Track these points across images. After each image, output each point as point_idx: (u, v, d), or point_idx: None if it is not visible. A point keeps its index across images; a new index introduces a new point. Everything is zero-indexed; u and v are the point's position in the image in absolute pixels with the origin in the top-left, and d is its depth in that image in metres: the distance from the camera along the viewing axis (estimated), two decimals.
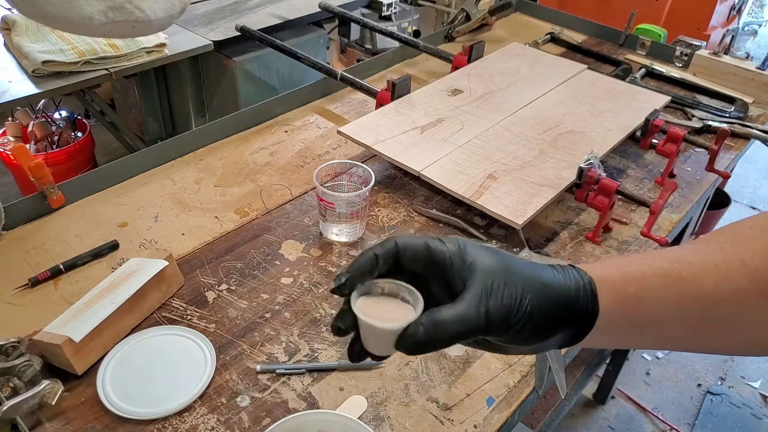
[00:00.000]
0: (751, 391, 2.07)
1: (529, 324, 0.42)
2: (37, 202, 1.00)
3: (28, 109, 2.25)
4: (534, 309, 0.42)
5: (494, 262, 0.43)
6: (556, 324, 0.44)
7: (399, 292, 0.46)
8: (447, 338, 0.41)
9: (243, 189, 1.11)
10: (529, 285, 0.43)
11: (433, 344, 0.41)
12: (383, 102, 1.25)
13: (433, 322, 0.41)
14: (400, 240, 0.45)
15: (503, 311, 0.41)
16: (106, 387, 0.74)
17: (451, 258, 0.44)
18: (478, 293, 0.42)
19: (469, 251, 0.44)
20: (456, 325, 0.41)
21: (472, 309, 0.41)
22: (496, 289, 0.42)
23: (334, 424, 0.68)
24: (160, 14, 1.15)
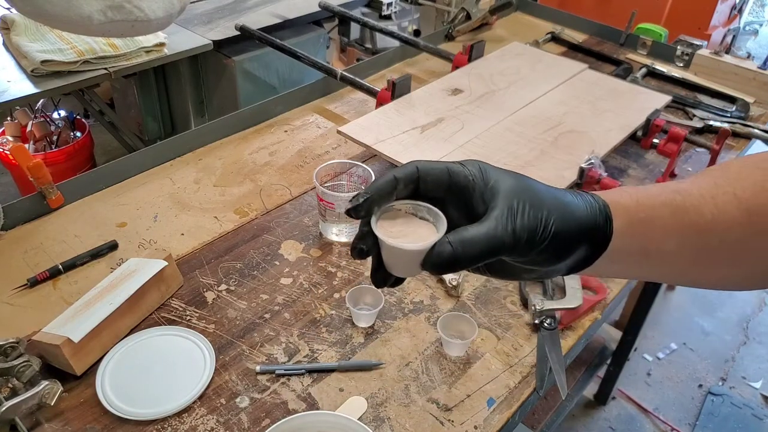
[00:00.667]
0: (752, 392, 2.06)
1: (552, 243, 0.42)
2: (36, 202, 1.00)
3: (26, 109, 2.25)
4: (558, 229, 0.42)
5: (516, 183, 0.43)
6: (575, 245, 0.44)
7: (417, 212, 0.45)
8: (474, 255, 0.41)
9: (242, 189, 1.10)
10: (553, 206, 0.43)
11: (460, 262, 0.41)
12: (383, 102, 1.24)
13: (461, 239, 0.41)
14: (421, 164, 0.44)
15: (530, 230, 0.42)
16: (105, 387, 0.74)
17: (473, 180, 0.44)
18: (504, 213, 0.42)
19: (491, 173, 0.44)
20: (484, 242, 0.41)
21: (500, 227, 0.41)
22: (522, 209, 0.42)
23: (334, 425, 0.68)
24: (159, 13, 1.14)
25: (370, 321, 0.85)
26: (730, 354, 2.21)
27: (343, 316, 0.86)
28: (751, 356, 2.20)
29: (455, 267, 0.42)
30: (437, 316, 0.86)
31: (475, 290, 0.91)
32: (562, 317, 0.86)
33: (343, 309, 0.87)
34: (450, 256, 0.41)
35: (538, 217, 0.42)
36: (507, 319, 0.87)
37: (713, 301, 2.40)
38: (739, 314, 2.36)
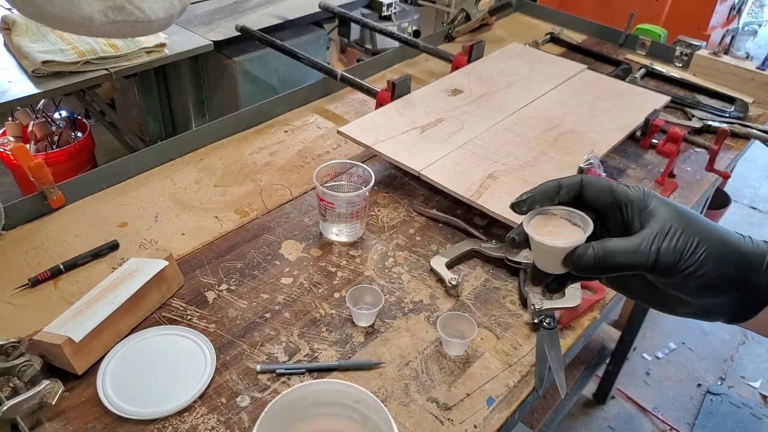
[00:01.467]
0: (751, 391, 2.07)
1: (699, 272, 0.42)
2: (37, 202, 1.00)
3: (28, 109, 2.25)
4: (708, 259, 0.42)
5: (676, 211, 0.44)
6: (729, 283, 0.43)
7: (571, 218, 0.48)
8: (614, 265, 0.43)
9: (243, 189, 1.11)
10: (708, 237, 0.43)
11: (599, 268, 0.43)
12: (383, 102, 1.25)
13: (604, 247, 0.44)
14: (586, 177, 0.48)
15: (675, 254, 0.42)
16: (106, 387, 0.74)
17: (632, 200, 0.46)
18: (654, 233, 0.43)
19: (654, 198, 0.46)
20: (625, 255, 0.43)
21: (644, 244, 0.43)
22: (672, 233, 0.43)
23: (336, 392, 0.67)
24: (160, 14, 1.15)
25: (370, 320, 0.85)
26: (729, 353, 2.22)
27: (343, 316, 0.86)
28: (750, 356, 2.21)
29: (594, 271, 0.44)
30: (437, 316, 0.86)
31: (475, 290, 0.92)
32: (561, 317, 0.86)
33: (343, 308, 0.87)
34: (590, 258, 0.44)
35: (687, 242, 0.42)
36: (506, 318, 0.87)
37: None
38: None
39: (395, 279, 0.93)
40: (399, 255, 0.97)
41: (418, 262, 0.96)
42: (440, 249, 0.98)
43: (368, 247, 0.98)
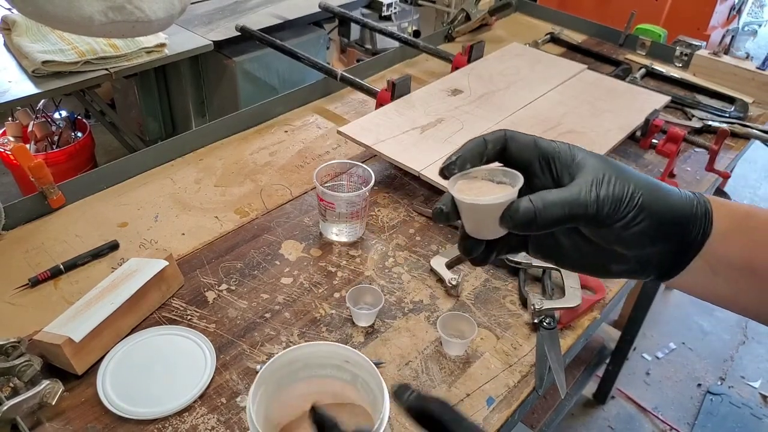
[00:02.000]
0: (751, 391, 2.07)
1: (637, 219, 0.41)
2: (37, 202, 1.01)
3: (28, 109, 2.25)
4: (645, 204, 0.41)
5: (604, 160, 0.43)
6: (664, 229, 0.42)
7: (494, 177, 0.45)
8: (554, 217, 0.40)
9: (243, 189, 1.11)
10: (642, 183, 0.42)
11: (539, 222, 0.40)
12: (383, 102, 1.25)
13: (543, 198, 0.41)
14: (509, 131, 0.45)
15: (615, 200, 0.41)
16: (106, 387, 0.74)
17: (559, 152, 0.44)
18: (589, 181, 0.41)
19: (579, 151, 0.44)
20: (565, 205, 0.40)
21: (584, 192, 0.41)
22: (608, 179, 0.41)
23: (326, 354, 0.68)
24: (160, 14, 1.15)
25: (370, 320, 0.85)
26: (729, 353, 2.22)
27: (343, 316, 0.86)
28: (750, 356, 2.21)
29: (534, 224, 0.41)
30: (437, 316, 0.86)
31: (475, 290, 0.92)
32: (561, 317, 0.86)
33: (343, 308, 0.87)
34: (528, 211, 0.40)
35: (624, 189, 0.41)
36: (506, 318, 0.87)
37: None
38: None
39: (395, 279, 0.93)
40: (399, 255, 0.97)
41: (418, 262, 0.96)
42: (440, 249, 0.98)
43: (368, 247, 0.98)
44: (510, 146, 0.45)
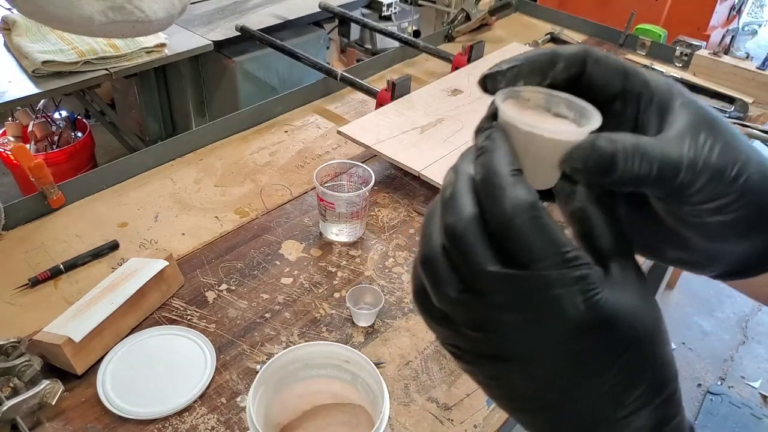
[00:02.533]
0: (751, 391, 2.07)
1: (735, 206, 0.30)
2: (37, 202, 1.00)
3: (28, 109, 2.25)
4: (751, 187, 0.30)
5: (710, 116, 0.31)
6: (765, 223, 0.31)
7: (551, 106, 0.32)
8: (636, 174, 0.28)
9: (243, 189, 1.11)
10: (754, 160, 0.30)
11: (617, 174, 0.28)
12: (383, 102, 1.25)
13: (627, 144, 0.28)
14: (591, 50, 0.33)
15: (714, 172, 0.29)
16: (106, 387, 0.74)
17: (655, 90, 0.32)
18: (686, 138, 0.29)
19: (680, 94, 0.32)
20: (654, 161, 0.28)
21: (676, 151, 0.29)
22: (711, 145, 0.29)
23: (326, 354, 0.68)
24: (160, 14, 1.15)
25: (370, 320, 0.85)
26: (729, 354, 2.22)
27: (343, 316, 0.86)
28: (750, 356, 2.21)
29: (608, 175, 0.28)
30: None
31: None
32: None
33: (343, 308, 0.87)
34: (606, 156, 0.28)
35: (729, 161, 0.29)
36: None
37: (712, 301, 2.40)
38: (738, 314, 2.37)
39: (395, 279, 0.93)
40: (399, 255, 0.97)
41: None
42: None
43: (368, 247, 0.98)
44: (591, 72, 0.32)
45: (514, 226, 0.26)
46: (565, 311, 0.26)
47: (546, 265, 0.26)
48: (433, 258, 0.29)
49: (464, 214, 0.28)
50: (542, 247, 0.26)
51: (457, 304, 0.28)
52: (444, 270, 0.28)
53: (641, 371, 0.28)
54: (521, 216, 0.26)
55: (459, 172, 0.29)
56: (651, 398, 0.28)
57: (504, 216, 0.27)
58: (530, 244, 0.26)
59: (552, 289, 0.26)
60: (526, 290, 0.26)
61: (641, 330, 0.28)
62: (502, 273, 0.26)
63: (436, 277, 0.29)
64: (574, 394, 0.28)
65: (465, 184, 0.29)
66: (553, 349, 0.27)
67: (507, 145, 0.29)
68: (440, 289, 0.28)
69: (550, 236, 0.26)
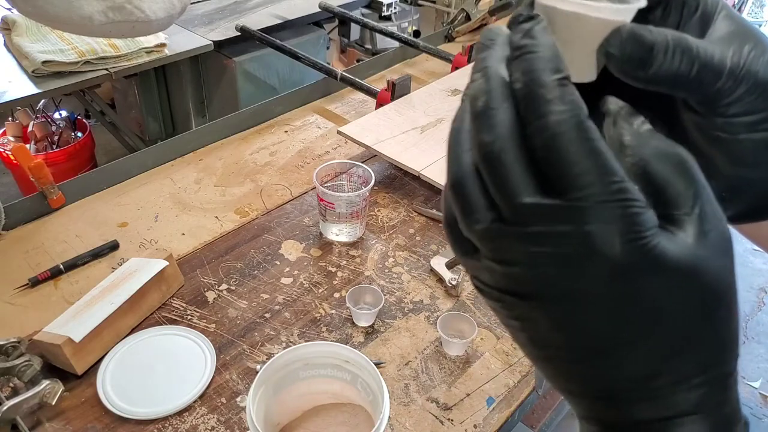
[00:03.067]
0: (751, 391, 2.07)
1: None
2: (37, 202, 1.00)
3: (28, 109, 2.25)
4: None
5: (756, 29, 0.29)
6: None
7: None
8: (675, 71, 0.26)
9: (243, 189, 1.11)
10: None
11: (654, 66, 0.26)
12: (383, 102, 1.25)
13: (669, 36, 0.26)
14: None
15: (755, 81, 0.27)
16: (107, 387, 0.74)
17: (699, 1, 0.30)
18: (729, 43, 0.28)
19: (725, 7, 0.30)
20: (695, 59, 0.26)
21: (718, 53, 0.27)
22: (755, 55, 0.28)
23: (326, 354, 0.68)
24: (160, 14, 1.15)
25: (370, 320, 0.85)
26: None
27: (343, 316, 0.86)
28: (749, 356, 2.21)
29: (645, 67, 0.26)
30: (437, 316, 0.86)
31: (475, 290, 0.91)
32: None
33: (343, 308, 0.87)
34: (649, 45, 0.26)
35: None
36: None
37: None
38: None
39: (395, 279, 0.93)
40: (399, 255, 0.97)
41: (418, 262, 0.96)
42: (440, 249, 0.98)
43: (368, 247, 0.98)
44: None
45: (559, 146, 0.23)
46: (605, 252, 0.22)
47: (588, 195, 0.22)
48: (464, 181, 0.25)
49: (501, 130, 0.24)
50: (587, 173, 0.22)
51: (486, 236, 0.25)
52: (475, 196, 0.25)
53: (697, 334, 0.24)
54: (568, 135, 0.22)
55: (490, 76, 0.25)
56: (704, 368, 0.25)
57: (547, 134, 0.23)
58: (573, 169, 0.22)
59: (592, 225, 0.22)
60: (562, 222, 0.23)
61: (704, 286, 0.24)
62: (537, 203, 0.23)
63: (466, 205, 0.25)
64: (605, 349, 0.24)
65: (500, 91, 0.24)
66: (586, 293, 0.23)
67: (552, 45, 0.24)
68: (469, 218, 0.25)
69: (599, 161, 0.22)
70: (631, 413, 0.25)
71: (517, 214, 0.23)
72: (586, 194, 0.22)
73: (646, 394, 0.25)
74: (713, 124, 0.29)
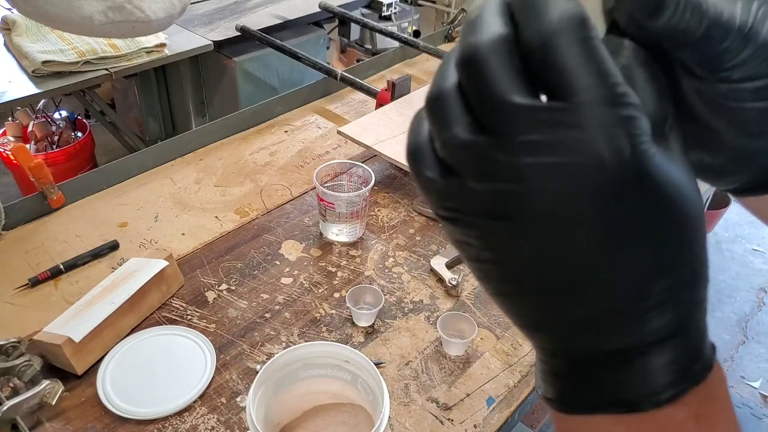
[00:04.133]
0: (751, 391, 2.07)
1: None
2: (37, 202, 1.00)
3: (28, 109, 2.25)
4: None
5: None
6: None
7: None
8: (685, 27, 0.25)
9: (243, 189, 1.11)
10: None
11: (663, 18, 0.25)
12: (383, 102, 1.25)
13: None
14: None
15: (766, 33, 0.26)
16: (106, 387, 0.74)
17: None
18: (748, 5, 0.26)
19: None
20: (704, 16, 0.25)
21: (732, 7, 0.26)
22: (765, 13, 0.26)
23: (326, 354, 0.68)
24: (160, 14, 1.15)
25: (370, 320, 0.85)
26: (729, 354, 2.22)
27: (343, 316, 0.86)
28: (749, 356, 2.21)
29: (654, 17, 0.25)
30: (437, 316, 0.86)
31: (475, 289, 0.92)
32: None
33: (344, 308, 0.87)
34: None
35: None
36: (506, 318, 0.87)
37: (712, 301, 2.40)
38: (738, 314, 2.37)
39: (395, 279, 0.93)
40: (399, 255, 0.97)
41: (418, 262, 0.96)
42: (440, 249, 0.98)
43: (368, 247, 0.98)
44: None
45: (556, 45, 0.20)
46: (604, 158, 0.20)
47: (587, 98, 0.20)
48: (445, 95, 0.22)
49: (491, 31, 0.21)
50: (587, 75, 0.20)
51: (467, 148, 0.22)
52: (456, 107, 0.22)
53: (676, 257, 0.23)
54: (568, 34, 0.20)
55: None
56: (679, 293, 0.23)
57: (545, 32, 0.21)
58: (572, 71, 0.20)
59: (591, 128, 0.20)
60: (557, 128, 0.20)
61: (687, 207, 0.23)
62: (529, 104, 0.21)
63: (445, 116, 0.22)
64: (596, 272, 0.22)
65: (497, 3, 0.22)
66: (582, 208, 0.21)
67: None
68: (448, 132, 0.22)
69: (600, 64, 0.21)
70: (603, 343, 0.24)
71: (506, 120, 0.21)
72: (587, 98, 0.20)
73: (620, 323, 0.23)
74: (717, 90, 0.27)
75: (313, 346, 0.67)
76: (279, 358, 0.64)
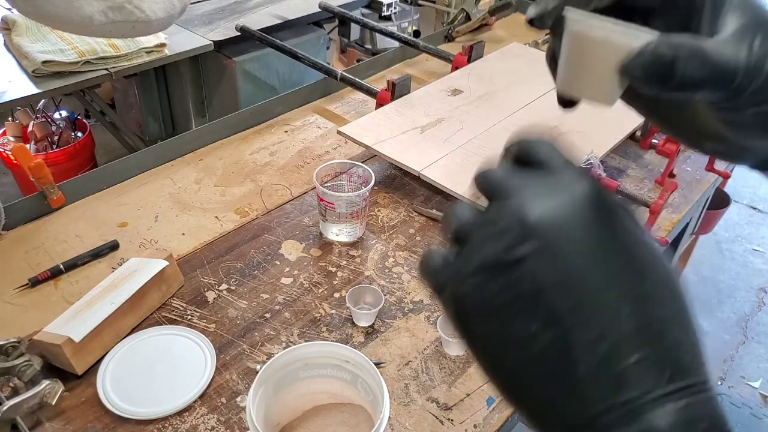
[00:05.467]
0: (751, 391, 2.07)
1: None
2: (37, 202, 1.00)
3: (28, 109, 2.25)
4: None
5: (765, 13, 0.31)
6: None
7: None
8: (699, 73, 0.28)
9: (243, 189, 1.11)
10: None
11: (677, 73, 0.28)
12: (383, 102, 1.25)
13: (690, 44, 0.29)
14: None
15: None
16: (106, 387, 0.74)
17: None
18: (743, 35, 0.29)
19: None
20: (708, 65, 0.28)
21: (732, 50, 0.29)
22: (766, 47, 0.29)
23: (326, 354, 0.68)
24: (160, 14, 1.15)
25: (370, 320, 0.85)
26: (729, 354, 2.22)
27: (343, 316, 0.86)
28: (750, 356, 2.21)
29: (669, 81, 0.29)
30: (437, 316, 0.86)
31: None
32: None
33: (344, 308, 0.87)
34: (670, 59, 0.28)
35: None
36: None
37: (712, 301, 2.40)
38: (738, 314, 2.37)
39: (395, 279, 0.93)
40: (399, 255, 0.97)
41: (418, 261, 0.96)
42: None
43: (368, 247, 0.98)
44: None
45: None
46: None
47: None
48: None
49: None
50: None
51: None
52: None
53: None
54: None
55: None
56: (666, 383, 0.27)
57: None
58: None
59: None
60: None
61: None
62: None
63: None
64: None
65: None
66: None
67: None
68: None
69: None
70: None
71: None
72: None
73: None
74: (729, 113, 0.31)
75: (313, 346, 0.67)
76: (279, 358, 0.64)
